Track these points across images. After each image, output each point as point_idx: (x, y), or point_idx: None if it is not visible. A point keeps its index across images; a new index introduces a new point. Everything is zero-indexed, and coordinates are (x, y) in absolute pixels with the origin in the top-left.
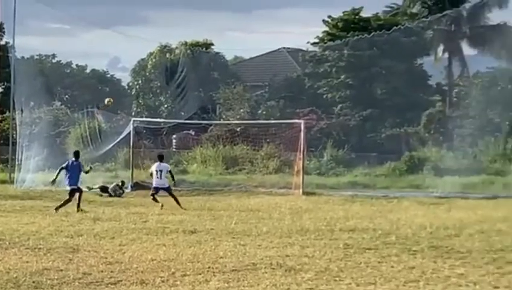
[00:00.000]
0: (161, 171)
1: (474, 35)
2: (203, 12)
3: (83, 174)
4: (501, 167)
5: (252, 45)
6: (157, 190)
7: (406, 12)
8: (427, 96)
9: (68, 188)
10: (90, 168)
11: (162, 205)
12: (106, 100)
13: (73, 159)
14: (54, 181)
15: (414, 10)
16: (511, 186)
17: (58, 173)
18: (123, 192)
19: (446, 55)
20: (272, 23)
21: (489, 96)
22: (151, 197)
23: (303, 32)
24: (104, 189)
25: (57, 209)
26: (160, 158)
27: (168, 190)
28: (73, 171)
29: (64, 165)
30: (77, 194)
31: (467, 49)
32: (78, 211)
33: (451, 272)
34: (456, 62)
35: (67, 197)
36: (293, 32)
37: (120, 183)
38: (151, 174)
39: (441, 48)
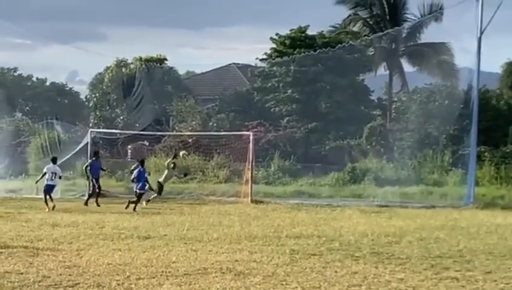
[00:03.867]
0: (55, 173)
1: (413, 53)
2: (157, 30)
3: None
4: (438, 178)
5: (203, 61)
6: (51, 188)
7: (349, 31)
8: (369, 110)
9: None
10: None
11: (54, 206)
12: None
13: (140, 165)
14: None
15: (355, 29)
16: (447, 197)
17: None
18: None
19: (387, 71)
20: (223, 40)
21: (428, 111)
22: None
23: (252, 49)
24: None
25: (133, 208)
26: (54, 161)
27: (51, 189)
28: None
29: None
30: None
31: (407, 66)
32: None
33: (391, 277)
34: (396, 78)
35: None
36: (243, 49)
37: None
38: (44, 174)
39: (382, 64)
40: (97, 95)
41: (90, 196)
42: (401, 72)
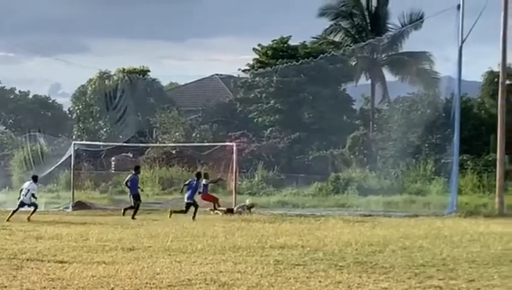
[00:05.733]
0: (29, 190)
1: (394, 62)
2: (139, 41)
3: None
4: (421, 187)
5: (186, 72)
6: (22, 205)
7: (331, 41)
8: (351, 120)
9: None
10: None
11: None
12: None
13: (195, 179)
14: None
15: (337, 39)
16: (430, 205)
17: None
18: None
19: (369, 81)
20: (205, 52)
21: (410, 120)
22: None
23: (234, 60)
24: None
25: (172, 213)
26: (34, 179)
27: (22, 206)
28: (191, 188)
29: (187, 182)
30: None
31: (388, 76)
32: (193, 219)
33: (375, 286)
34: (378, 87)
35: (184, 209)
36: (225, 60)
37: (248, 205)
38: (21, 191)
39: (364, 74)
40: (80, 107)
41: (136, 209)
42: (383, 82)
